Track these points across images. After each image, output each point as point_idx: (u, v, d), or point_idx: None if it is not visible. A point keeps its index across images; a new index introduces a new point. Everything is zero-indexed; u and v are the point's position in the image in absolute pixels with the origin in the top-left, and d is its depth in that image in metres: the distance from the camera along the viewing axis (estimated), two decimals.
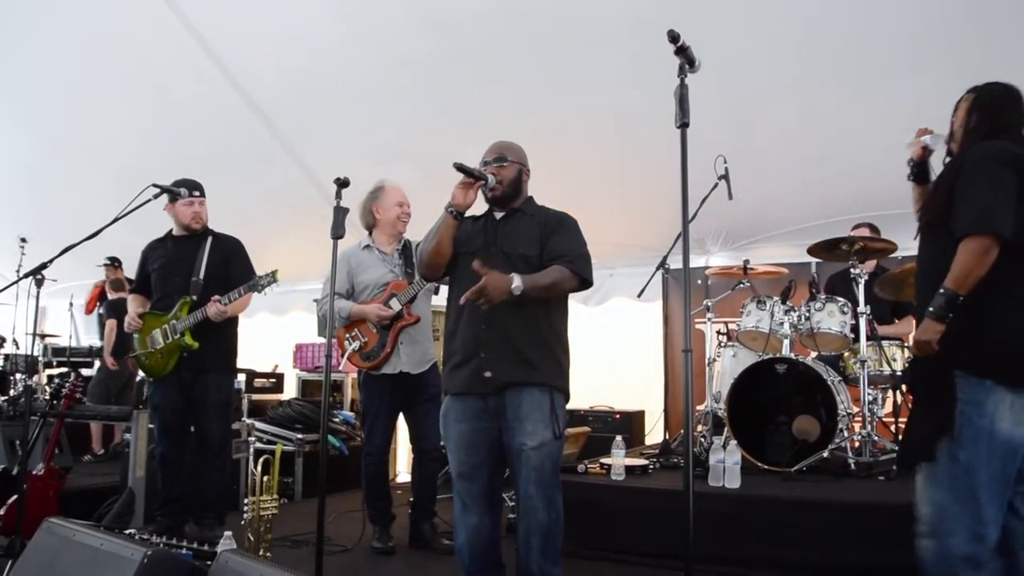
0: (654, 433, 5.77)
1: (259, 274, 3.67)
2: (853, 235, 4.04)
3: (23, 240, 6.75)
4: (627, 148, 5.05)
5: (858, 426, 3.99)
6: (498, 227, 2.63)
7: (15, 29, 5.26)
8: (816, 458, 3.70)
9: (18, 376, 6.77)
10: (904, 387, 4.02)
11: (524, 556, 2.46)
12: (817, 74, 4.35)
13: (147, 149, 5.90)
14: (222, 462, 3.86)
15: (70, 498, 3.90)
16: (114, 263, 6.33)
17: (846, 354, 4.24)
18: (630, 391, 6.00)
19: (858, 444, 3.85)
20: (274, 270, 3.60)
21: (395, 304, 3.64)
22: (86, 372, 6.73)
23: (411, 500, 3.82)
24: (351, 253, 3.78)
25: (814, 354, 4.18)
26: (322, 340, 5.84)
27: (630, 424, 5.70)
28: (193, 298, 3.74)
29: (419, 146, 5.44)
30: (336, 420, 5.59)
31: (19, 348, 7.13)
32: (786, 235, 5.57)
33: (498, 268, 2.43)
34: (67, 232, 3.34)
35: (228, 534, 2.80)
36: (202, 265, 3.80)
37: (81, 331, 8.07)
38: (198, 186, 3.88)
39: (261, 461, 3.29)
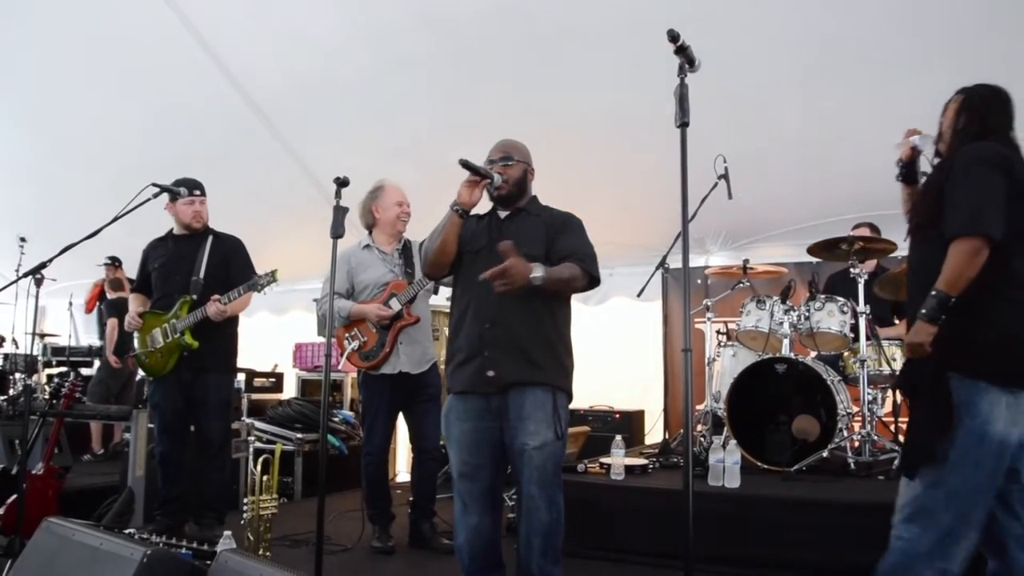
0: (654, 433, 5.78)
1: (259, 273, 3.67)
2: (853, 235, 4.04)
3: (22, 239, 6.74)
4: (627, 148, 5.05)
5: (858, 426, 3.99)
6: (503, 226, 2.62)
7: (15, 29, 5.26)
8: (816, 458, 3.70)
9: (17, 375, 6.76)
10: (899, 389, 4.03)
11: (525, 556, 2.46)
12: (817, 74, 4.34)
13: (147, 149, 5.89)
14: (222, 462, 3.86)
15: (69, 498, 3.90)
16: (114, 263, 6.33)
17: (846, 354, 4.24)
18: (630, 391, 6.00)
19: (858, 444, 3.85)
20: (274, 270, 3.59)
21: (395, 304, 3.64)
22: (85, 372, 6.72)
23: (411, 500, 3.82)
24: (351, 253, 3.78)
25: (814, 354, 4.18)
26: (322, 340, 5.84)
27: (630, 424, 5.71)
28: (193, 297, 3.74)
29: (419, 146, 5.44)
30: (336, 420, 5.59)
31: (18, 347, 7.13)
32: (786, 235, 5.58)
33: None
34: (67, 231, 3.33)
35: (228, 534, 2.80)
36: (202, 264, 3.80)
37: (80, 330, 8.06)
38: (199, 185, 3.87)
39: (261, 461, 3.29)
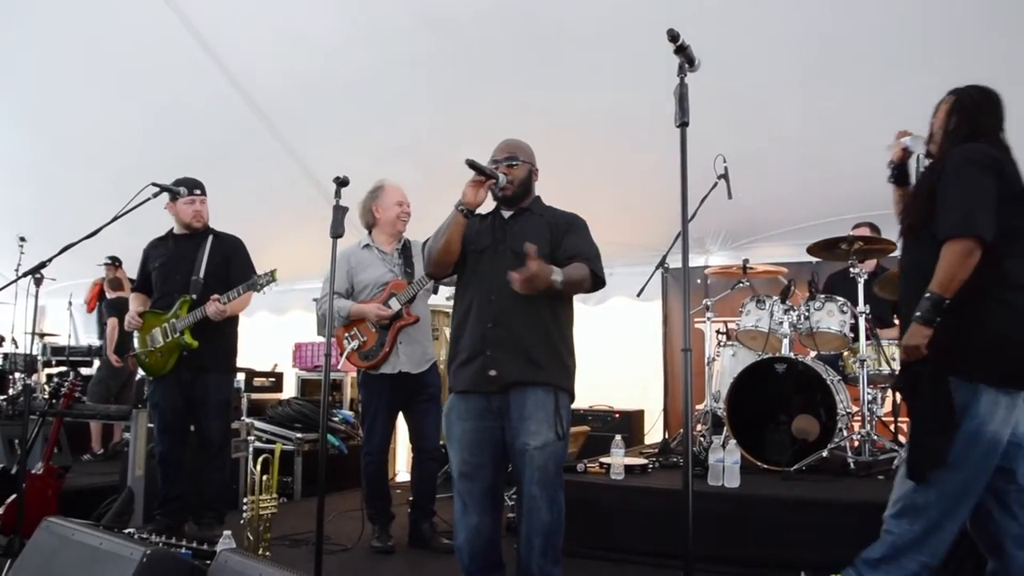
0: (653, 432, 5.78)
1: (259, 273, 3.67)
2: (853, 234, 4.04)
3: (22, 239, 6.74)
4: (627, 147, 5.06)
5: (857, 425, 3.99)
6: (506, 226, 2.62)
7: (15, 28, 5.26)
8: (815, 457, 3.70)
9: (17, 375, 6.77)
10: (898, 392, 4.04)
11: (525, 556, 2.46)
12: (817, 74, 4.35)
13: (147, 149, 5.89)
14: (222, 461, 3.85)
15: (69, 497, 3.89)
16: (114, 262, 6.33)
17: (845, 353, 4.24)
18: (629, 390, 6.00)
19: (857, 443, 3.85)
20: (273, 269, 3.59)
21: (394, 304, 3.64)
22: (85, 371, 6.72)
23: (410, 499, 3.82)
24: (351, 252, 3.77)
25: (813, 353, 4.18)
26: (321, 339, 5.84)
27: (629, 423, 5.71)
28: (193, 297, 3.73)
29: (419, 146, 5.44)
30: (335, 419, 5.59)
31: (18, 347, 7.13)
32: (786, 234, 5.58)
33: (508, 267, 2.45)
34: (66, 231, 3.33)
35: (227, 533, 2.80)
36: (202, 264, 3.80)
37: (80, 330, 8.06)
38: (199, 185, 3.87)
39: (260, 460, 3.29)
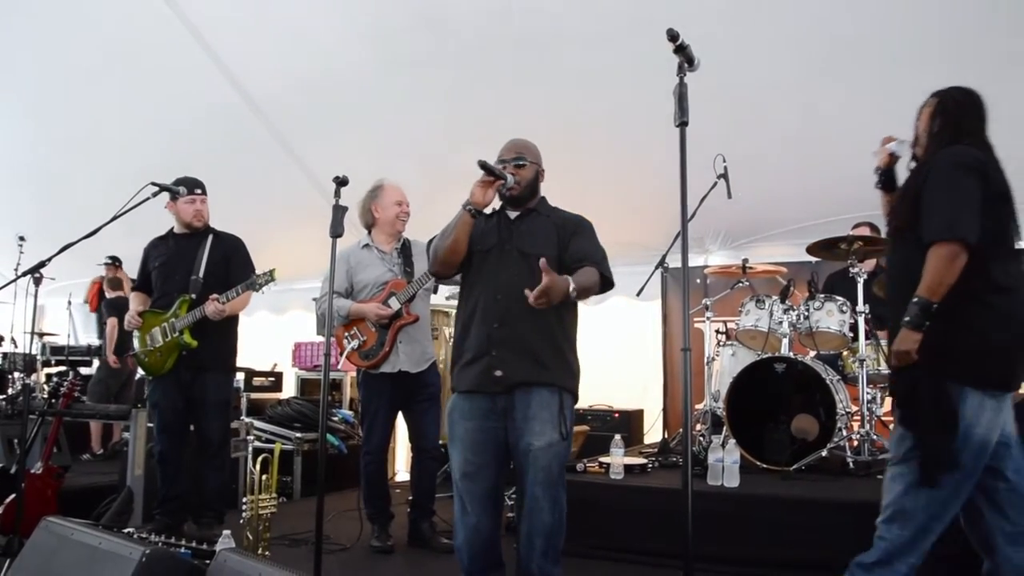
0: (653, 432, 5.77)
1: (258, 273, 3.67)
2: (852, 234, 4.04)
3: (21, 238, 6.75)
4: (626, 147, 5.05)
5: (857, 425, 3.99)
6: (513, 226, 2.62)
7: (15, 28, 5.26)
8: (815, 457, 3.70)
9: (16, 374, 6.77)
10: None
11: (526, 556, 2.46)
12: (817, 74, 4.34)
13: (147, 149, 5.89)
14: (221, 461, 3.85)
15: (68, 497, 3.89)
16: (114, 262, 6.33)
17: (845, 353, 4.24)
18: (629, 390, 6.00)
19: (857, 443, 3.85)
20: (271, 269, 3.59)
21: (394, 303, 3.64)
22: (84, 371, 6.72)
23: (410, 499, 3.82)
24: (350, 252, 3.77)
25: (813, 353, 4.18)
26: (321, 339, 5.84)
27: (629, 423, 5.72)
28: (192, 296, 3.73)
29: (419, 146, 5.44)
30: (335, 419, 5.59)
31: (17, 346, 7.13)
32: (785, 234, 5.58)
33: (514, 267, 2.45)
34: (66, 231, 3.32)
35: (227, 533, 2.80)
36: (202, 263, 3.80)
37: (79, 329, 8.07)
38: (199, 184, 3.87)
39: (260, 460, 3.29)
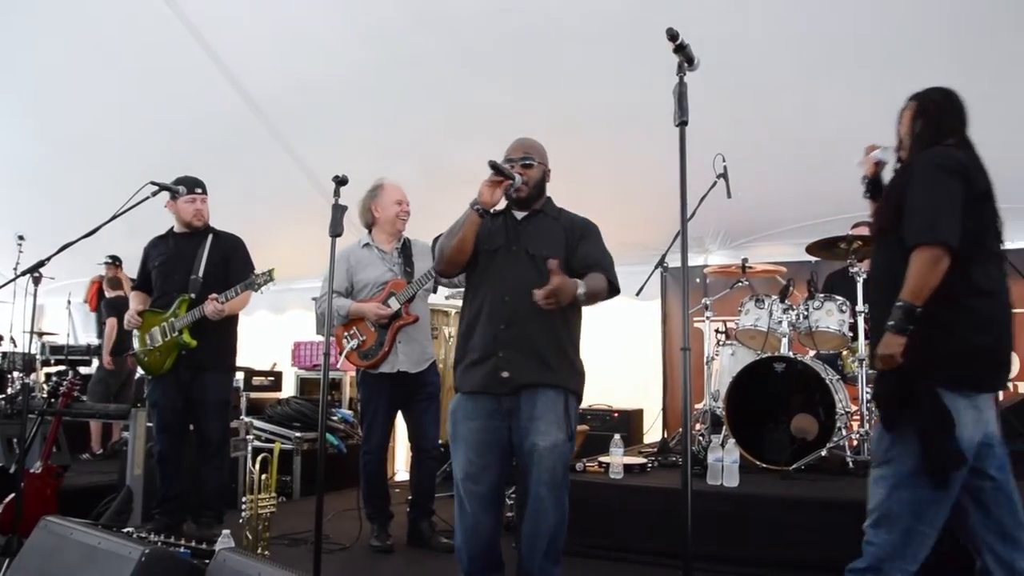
0: (652, 432, 5.77)
1: (257, 272, 3.67)
2: (852, 234, 4.04)
3: (21, 238, 6.75)
4: (626, 146, 5.05)
5: (856, 424, 3.99)
6: (519, 227, 2.62)
7: (15, 27, 5.25)
8: (814, 457, 3.70)
9: (16, 374, 6.77)
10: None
11: (527, 556, 2.46)
12: (817, 73, 4.34)
13: (146, 147, 5.89)
14: (220, 460, 3.85)
15: (68, 496, 3.88)
16: (114, 262, 6.33)
17: (844, 352, 4.24)
18: (628, 390, 6.00)
19: (856, 442, 3.85)
20: (271, 268, 3.59)
21: (393, 303, 3.64)
22: (84, 370, 6.72)
23: (409, 498, 3.81)
24: (350, 251, 3.77)
25: (812, 353, 4.19)
26: (320, 338, 5.83)
27: (628, 423, 5.72)
28: (191, 296, 3.73)
29: (419, 146, 5.44)
30: (334, 418, 5.59)
31: (16, 346, 7.13)
32: (785, 234, 5.58)
33: (521, 268, 2.45)
34: (65, 230, 3.32)
35: (226, 532, 2.80)
36: (202, 263, 3.80)
37: (79, 329, 8.07)
38: (200, 183, 3.87)
39: (259, 459, 3.29)
